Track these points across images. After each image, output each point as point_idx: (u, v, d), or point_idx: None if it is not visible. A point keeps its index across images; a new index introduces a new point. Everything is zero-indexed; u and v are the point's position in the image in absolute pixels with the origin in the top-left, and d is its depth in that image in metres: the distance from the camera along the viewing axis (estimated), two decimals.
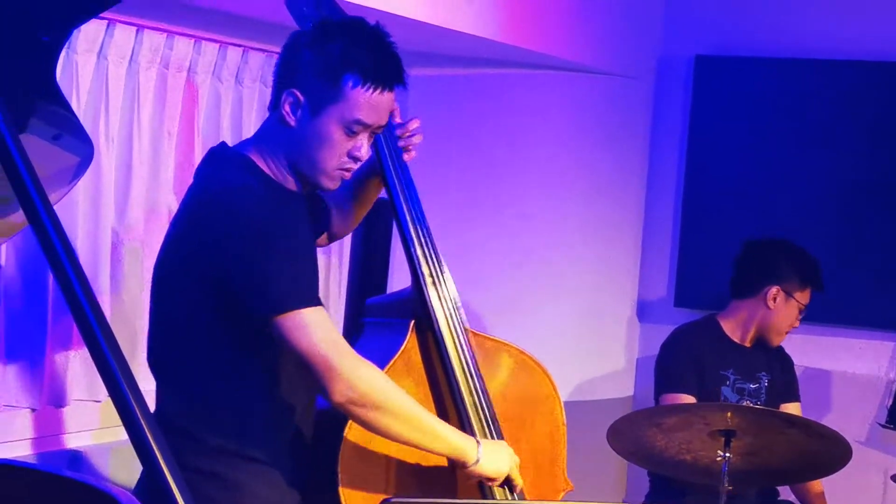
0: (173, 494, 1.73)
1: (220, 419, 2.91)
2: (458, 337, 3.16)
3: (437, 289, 3.17)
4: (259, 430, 2.93)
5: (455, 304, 3.20)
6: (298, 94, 2.86)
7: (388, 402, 2.84)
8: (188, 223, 2.93)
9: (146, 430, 1.76)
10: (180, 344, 2.92)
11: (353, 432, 2.97)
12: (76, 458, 4.14)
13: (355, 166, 2.95)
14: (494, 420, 3.17)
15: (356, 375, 2.78)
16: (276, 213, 2.83)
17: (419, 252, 3.18)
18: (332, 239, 3.52)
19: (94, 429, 4.24)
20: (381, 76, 2.87)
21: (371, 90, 2.86)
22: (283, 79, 2.92)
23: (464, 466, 2.99)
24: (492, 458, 3.01)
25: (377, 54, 2.89)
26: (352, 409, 2.82)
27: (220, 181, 2.90)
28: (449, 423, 3.09)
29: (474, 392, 3.15)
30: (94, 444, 4.23)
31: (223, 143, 3.08)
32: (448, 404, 3.15)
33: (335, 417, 2.93)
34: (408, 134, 3.35)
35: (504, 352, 3.36)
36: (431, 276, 3.17)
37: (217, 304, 2.83)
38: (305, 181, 2.96)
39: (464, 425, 3.11)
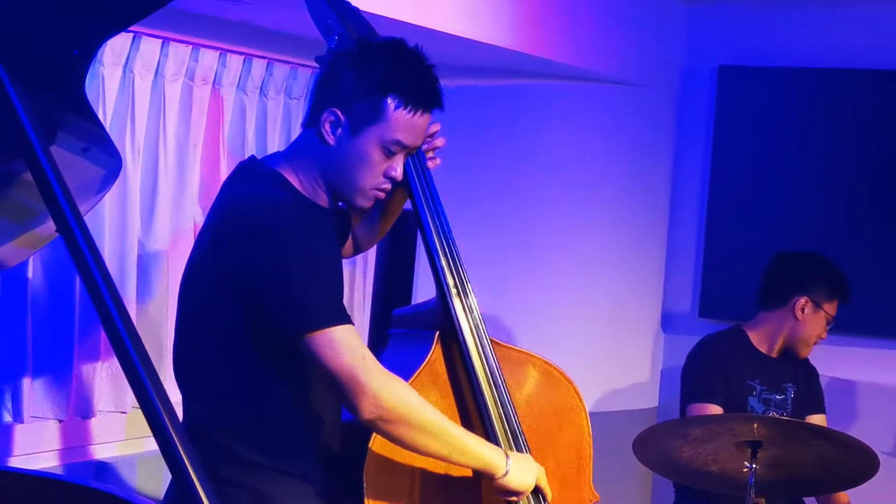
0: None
1: (248, 431, 2.91)
2: (482, 348, 3.15)
3: (461, 300, 3.16)
4: (288, 443, 2.93)
5: (479, 315, 3.20)
6: (339, 113, 2.88)
7: (416, 417, 2.85)
8: (216, 237, 2.92)
9: (176, 440, 1.76)
10: (210, 357, 2.92)
11: (377, 444, 2.97)
12: (103, 470, 4.16)
13: (390, 186, 2.97)
14: (520, 431, 3.16)
15: (384, 391, 2.78)
16: (305, 230, 2.83)
17: (444, 263, 3.17)
18: (357, 251, 3.52)
19: (120, 440, 4.26)
20: (421, 99, 2.90)
21: (412, 112, 2.88)
22: (323, 97, 2.93)
23: (492, 478, 2.99)
24: (520, 470, 3.01)
25: (418, 77, 2.92)
26: (381, 425, 2.83)
27: (249, 195, 2.91)
28: (476, 433, 3.07)
29: (499, 404, 3.14)
30: (121, 456, 4.25)
31: (252, 157, 3.09)
32: (473, 416, 3.14)
33: (360, 430, 2.93)
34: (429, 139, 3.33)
35: (529, 363, 3.35)
36: (456, 287, 3.16)
37: (247, 319, 2.83)
38: (340, 198, 2.98)
39: (489, 437, 3.10)
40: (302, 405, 2.94)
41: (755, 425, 3.88)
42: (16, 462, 3.89)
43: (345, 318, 2.82)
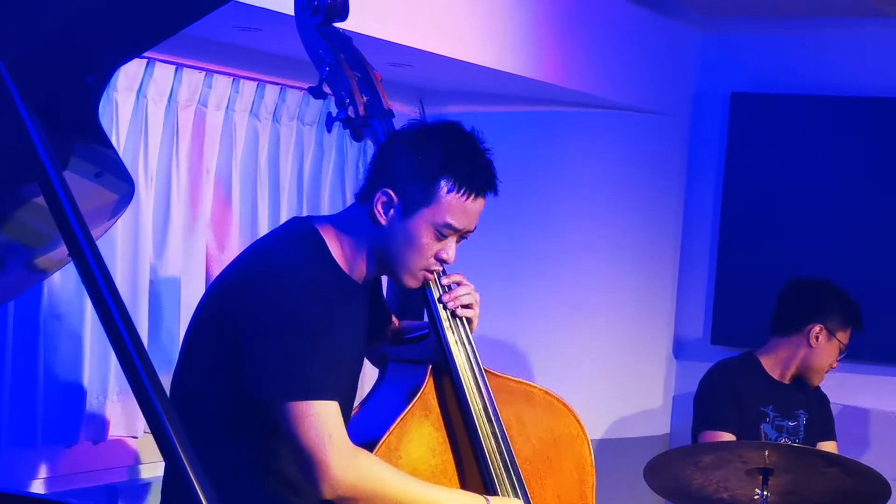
0: None
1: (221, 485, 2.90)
2: (476, 380, 3.10)
3: (454, 332, 3.10)
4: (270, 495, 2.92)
5: (474, 346, 3.13)
6: (392, 194, 2.87)
7: (381, 492, 2.81)
8: (232, 279, 2.93)
9: (188, 467, 1.76)
10: (193, 399, 2.90)
11: None
12: (113, 495, 4.16)
13: (441, 269, 2.97)
14: (514, 464, 3.11)
15: (345, 472, 2.75)
16: (320, 300, 2.82)
17: (436, 295, 3.10)
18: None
19: (131, 464, 4.27)
20: (475, 183, 2.89)
21: (465, 196, 2.87)
22: (378, 176, 2.92)
23: None
24: None
25: (472, 161, 2.91)
26: (342, 503, 2.79)
27: (278, 252, 2.91)
28: (468, 467, 3.06)
29: (493, 436, 3.09)
30: (131, 480, 4.25)
31: (309, 217, 3.09)
32: (466, 448, 3.10)
33: None
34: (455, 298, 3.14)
35: (528, 393, 3.30)
36: (448, 319, 3.11)
37: (230, 371, 2.81)
38: (389, 276, 2.98)
39: (482, 469, 3.07)
40: (273, 474, 2.91)
41: (766, 452, 3.89)
42: (27, 487, 3.90)
43: (330, 395, 2.78)
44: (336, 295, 2.89)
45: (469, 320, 3.12)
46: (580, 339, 5.51)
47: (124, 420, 4.12)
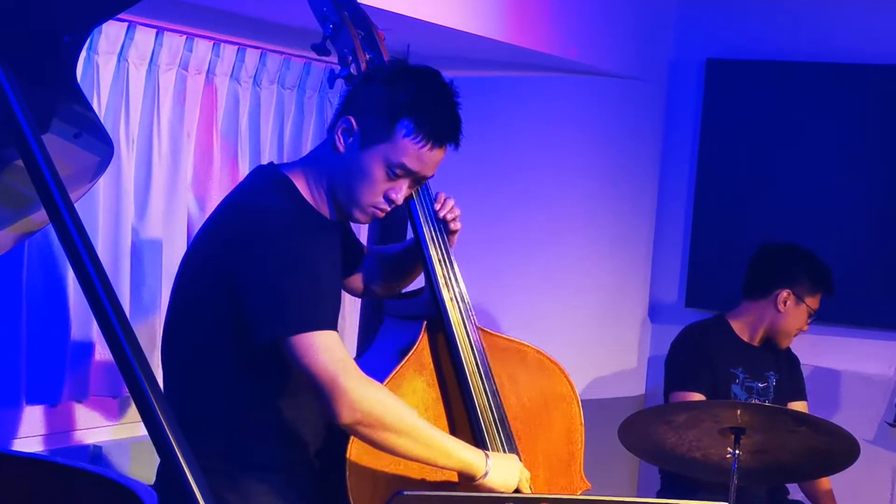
0: (194, 493, 1.74)
1: (230, 427, 2.94)
2: (470, 337, 3.15)
3: (449, 289, 3.16)
4: (269, 446, 2.97)
5: (469, 304, 3.20)
6: (353, 122, 2.90)
7: (395, 422, 2.84)
8: (213, 234, 2.97)
9: (166, 429, 1.76)
10: (194, 351, 2.95)
11: (354, 453, 2.97)
12: (96, 453, 4.19)
13: (388, 208, 2.97)
14: (505, 421, 3.15)
15: (363, 396, 2.78)
16: (297, 236, 2.85)
17: (433, 253, 3.17)
18: (365, 294, 3.52)
19: (113, 424, 4.30)
20: (436, 132, 2.90)
21: (423, 143, 2.89)
22: (346, 104, 2.96)
23: (472, 479, 2.96)
24: (500, 471, 2.98)
25: (439, 110, 2.92)
26: (359, 429, 2.82)
27: (253, 199, 2.93)
28: (459, 423, 3.10)
29: (485, 393, 3.13)
30: (114, 440, 4.28)
31: (271, 164, 3.10)
32: (459, 405, 3.14)
33: (338, 440, 2.95)
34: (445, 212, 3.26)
35: (521, 351, 3.34)
36: (444, 276, 3.16)
37: (230, 318, 2.85)
38: (339, 209, 2.99)
39: (474, 426, 3.11)
40: (276, 411, 2.96)
41: (738, 412, 3.91)
42: (10, 445, 3.93)
43: (329, 325, 2.82)
44: (313, 231, 2.92)
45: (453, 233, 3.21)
46: (557, 303, 5.54)
47: (107, 380, 4.16)
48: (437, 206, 3.20)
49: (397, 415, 2.85)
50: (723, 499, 3.91)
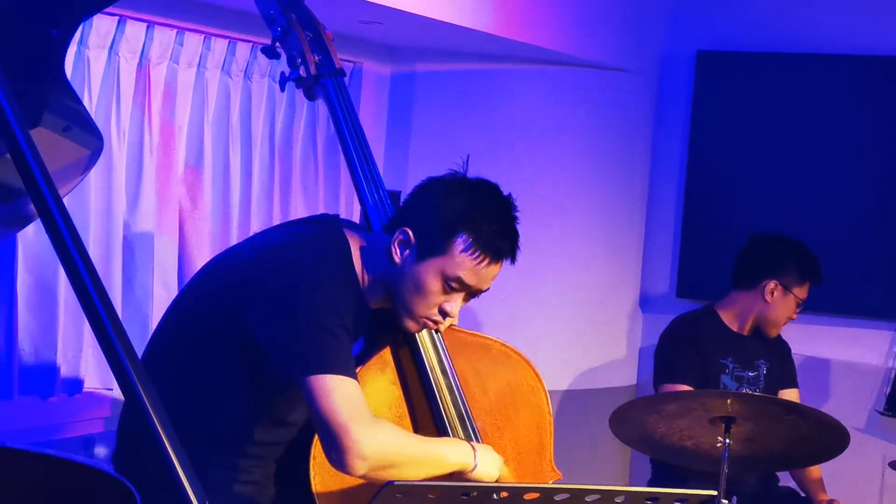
0: (185, 490, 1.74)
1: (209, 438, 2.94)
2: (430, 335, 3.11)
3: None
4: (249, 455, 2.98)
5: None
6: (411, 234, 2.87)
7: (399, 457, 2.81)
8: (245, 263, 2.92)
9: (157, 425, 1.75)
10: (180, 363, 2.94)
11: (319, 482, 2.95)
12: (89, 446, 4.20)
13: (442, 320, 2.95)
14: (469, 416, 3.12)
15: (370, 447, 2.74)
16: (336, 286, 2.83)
17: None
18: None
19: (106, 416, 4.32)
20: (492, 248, 2.88)
21: (479, 259, 2.87)
22: (405, 213, 2.94)
23: (463, 474, 2.94)
24: (486, 462, 2.96)
25: (497, 226, 2.90)
26: (369, 474, 2.79)
27: (303, 251, 2.89)
28: (423, 421, 3.08)
29: (448, 390, 3.09)
30: (107, 432, 4.30)
31: (337, 219, 3.07)
32: (422, 403, 3.11)
33: (305, 439, 2.95)
34: None
35: (484, 345, 3.31)
36: None
37: (240, 346, 2.84)
38: (393, 314, 2.97)
39: (437, 423, 3.08)
40: (250, 435, 2.97)
41: (728, 401, 3.92)
42: (2, 438, 3.94)
43: (350, 372, 2.79)
44: (353, 305, 2.89)
45: None
46: (549, 293, 5.55)
47: (99, 373, 4.16)
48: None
49: (401, 450, 2.83)
50: (713, 487, 3.92)
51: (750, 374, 4.80)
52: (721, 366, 4.77)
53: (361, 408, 2.77)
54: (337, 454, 2.75)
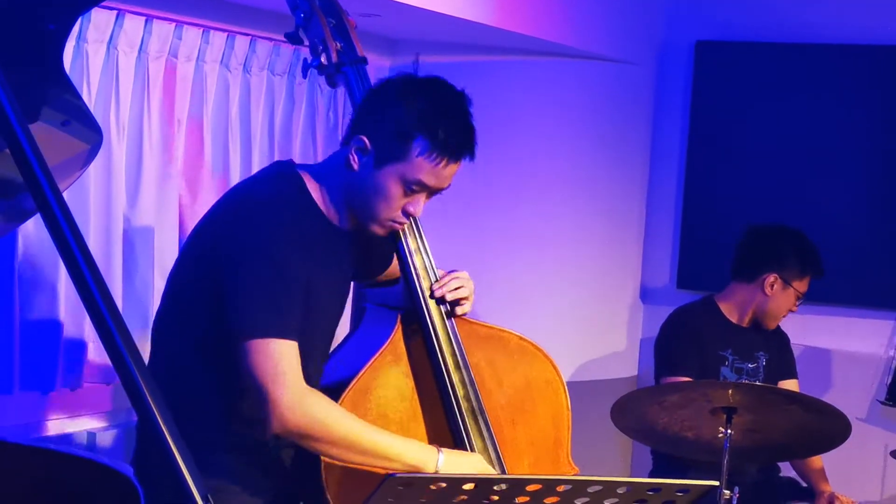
0: (186, 480, 1.75)
1: (205, 412, 2.96)
2: (446, 327, 3.12)
3: (427, 279, 3.12)
4: (242, 430, 2.97)
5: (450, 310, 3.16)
6: (367, 142, 2.89)
7: (326, 434, 2.81)
8: (213, 219, 2.98)
9: (158, 418, 1.75)
10: (179, 331, 2.97)
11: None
12: (90, 440, 4.20)
13: (406, 221, 2.98)
14: (482, 411, 3.12)
15: (292, 409, 2.77)
16: (291, 242, 2.86)
17: (410, 243, 3.13)
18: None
19: (108, 410, 4.32)
20: (449, 148, 2.89)
21: (438, 160, 2.88)
22: (358, 122, 2.95)
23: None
24: (452, 466, 2.91)
25: (453, 124, 2.91)
26: (295, 440, 2.84)
27: (259, 192, 2.95)
28: (437, 414, 3.07)
29: (462, 384, 3.10)
30: (108, 426, 4.30)
31: (290, 161, 3.10)
32: (435, 396, 3.11)
33: None
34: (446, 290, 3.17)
35: (502, 338, 3.30)
36: (422, 266, 3.12)
37: (216, 304, 2.86)
38: (355, 221, 3.00)
39: (450, 416, 3.09)
40: (237, 410, 2.97)
41: (730, 391, 3.92)
42: (3, 433, 3.94)
43: (287, 334, 2.80)
44: (316, 235, 2.93)
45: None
46: (550, 285, 5.56)
47: (100, 367, 4.17)
48: (437, 287, 3.14)
49: (329, 427, 2.82)
50: (715, 478, 3.92)
51: (749, 365, 4.80)
52: (721, 357, 4.77)
53: (289, 371, 2.79)
54: (260, 413, 2.79)
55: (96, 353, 4.12)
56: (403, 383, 3.09)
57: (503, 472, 3.11)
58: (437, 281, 3.13)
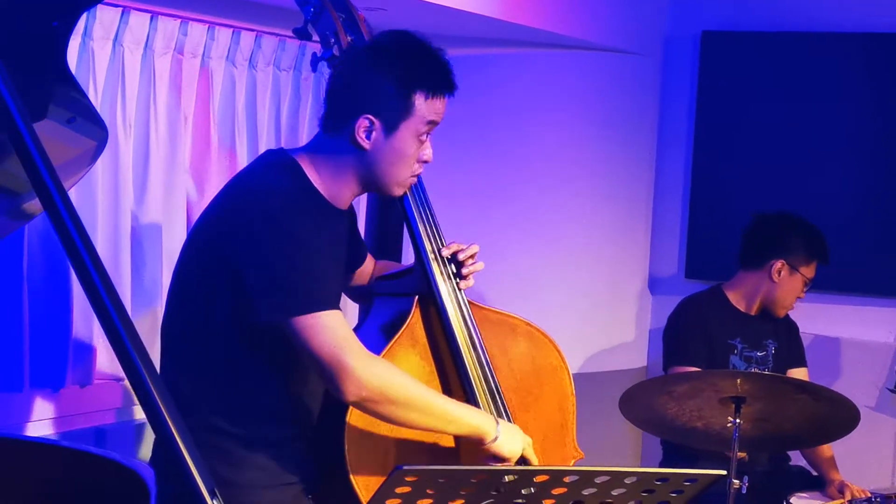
0: (193, 477, 1.75)
1: (227, 405, 2.97)
2: (461, 311, 3.18)
3: (439, 265, 3.19)
4: (267, 419, 2.99)
5: (456, 281, 3.22)
6: (372, 118, 2.95)
7: (400, 395, 2.88)
8: (216, 213, 3.00)
9: (165, 415, 1.76)
10: (194, 329, 2.98)
11: (354, 417, 2.98)
12: (101, 436, 4.22)
13: (422, 170, 3.08)
14: (499, 392, 3.18)
15: (368, 373, 2.82)
16: (303, 217, 2.90)
17: (421, 229, 3.19)
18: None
19: (118, 407, 4.33)
20: (443, 85, 3.01)
21: (438, 99, 3.00)
22: (349, 104, 2.99)
23: (481, 443, 3.00)
24: (508, 437, 3.02)
25: (435, 65, 3.01)
26: (366, 405, 2.87)
27: (257, 179, 2.99)
28: (454, 396, 3.10)
29: (478, 365, 3.15)
30: (118, 423, 4.31)
31: (281, 148, 3.14)
32: (453, 377, 3.16)
33: (337, 405, 2.96)
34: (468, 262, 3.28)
35: (511, 324, 3.36)
36: (434, 252, 3.19)
37: (229, 295, 2.88)
38: (378, 192, 3.09)
39: (469, 397, 3.13)
40: (284, 387, 3.00)
41: (738, 381, 3.92)
42: (15, 430, 3.95)
43: (331, 304, 2.87)
44: (321, 217, 2.97)
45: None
46: (558, 276, 5.56)
47: (110, 363, 4.18)
48: (447, 252, 3.24)
49: (402, 388, 2.89)
50: (724, 468, 3.92)
51: (758, 354, 4.80)
52: (729, 346, 4.77)
53: (349, 336, 2.85)
54: (333, 384, 2.84)
55: (106, 349, 4.13)
56: (420, 367, 3.14)
57: None
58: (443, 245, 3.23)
